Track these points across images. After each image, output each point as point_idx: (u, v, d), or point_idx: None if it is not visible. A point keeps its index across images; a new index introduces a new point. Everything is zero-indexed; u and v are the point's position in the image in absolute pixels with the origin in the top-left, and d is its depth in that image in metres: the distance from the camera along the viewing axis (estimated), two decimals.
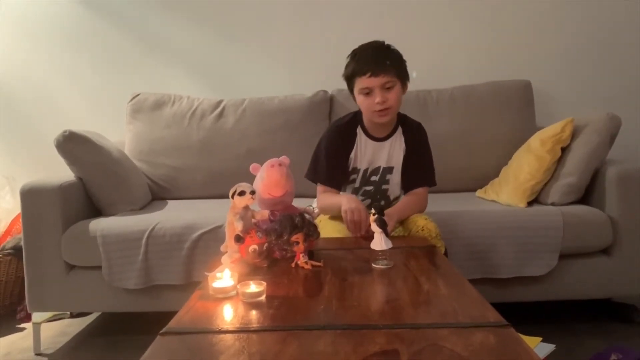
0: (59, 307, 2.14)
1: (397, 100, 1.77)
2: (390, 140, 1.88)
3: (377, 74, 1.71)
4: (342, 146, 1.86)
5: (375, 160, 1.87)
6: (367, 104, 1.76)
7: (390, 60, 1.74)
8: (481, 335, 0.90)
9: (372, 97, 1.74)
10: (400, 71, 1.77)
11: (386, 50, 1.77)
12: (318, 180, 1.89)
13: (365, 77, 1.72)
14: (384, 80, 1.72)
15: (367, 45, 1.78)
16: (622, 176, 2.04)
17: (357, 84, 1.76)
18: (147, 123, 2.62)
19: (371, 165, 1.88)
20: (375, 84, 1.72)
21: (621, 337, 2.06)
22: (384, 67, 1.72)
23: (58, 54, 2.87)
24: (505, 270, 2.03)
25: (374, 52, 1.75)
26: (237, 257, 1.31)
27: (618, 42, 2.77)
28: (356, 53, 1.78)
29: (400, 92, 1.78)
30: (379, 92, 1.72)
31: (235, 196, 1.32)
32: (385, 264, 1.30)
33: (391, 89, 1.74)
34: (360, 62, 1.74)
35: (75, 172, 2.19)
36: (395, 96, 1.75)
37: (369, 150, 1.87)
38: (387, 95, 1.73)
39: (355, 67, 1.75)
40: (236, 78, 2.86)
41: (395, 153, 1.88)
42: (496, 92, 2.64)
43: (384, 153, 1.87)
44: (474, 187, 2.53)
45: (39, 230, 2.04)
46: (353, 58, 1.78)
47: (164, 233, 2.01)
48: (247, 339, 0.92)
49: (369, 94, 1.74)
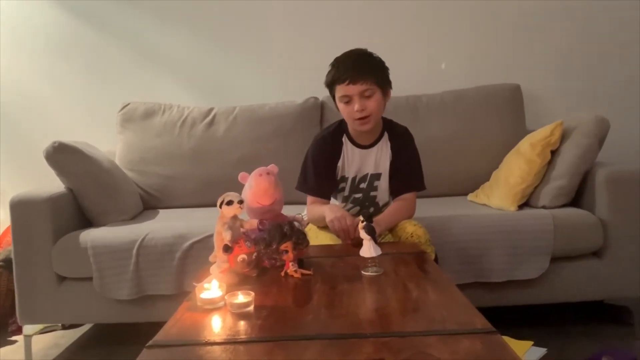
0: (50, 319, 2.13)
1: (377, 108, 1.76)
2: (376, 147, 1.87)
3: (356, 81, 1.71)
4: (329, 156, 1.86)
5: (363, 167, 1.87)
6: (347, 111, 1.77)
7: (370, 67, 1.74)
8: (468, 342, 0.90)
9: (351, 105, 1.74)
10: (380, 78, 1.76)
11: (366, 57, 1.77)
12: (307, 192, 1.89)
13: (344, 85, 1.72)
14: (363, 88, 1.71)
15: (348, 53, 1.78)
16: (612, 178, 2.05)
17: (338, 91, 1.77)
18: (137, 132, 2.62)
19: (359, 172, 1.88)
20: (354, 91, 1.72)
21: (613, 338, 2.07)
22: (363, 74, 1.71)
23: (48, 64, 2.86)
24: (497, 274, 2.03)
25: (353, 60, 1.74)
26: (226, 267, 1.30)
27: (606, 45, 2.79)
28: (337, 60, 1.78)
29: (380, 100, 1.76)
30: (358, 99, 1.72)
31: (223, 206, 1.32)
32: (375, 271, 1.30)
33: (370, 97, 1.73)
34: (339, 69, 1.74)
35: (65, 182, 2.18)
36: (375, 104, 1.74)
37: (355, 158, 1.86)
38: (366, 103, 1.73)
39: (335, 74, 1.75)
40: (226, 86, 2.86)
41: (382, 159, 1.87)
42: (486, 96, 2.65)
43: (371, 160, 1.87)
44: (465, 191, 2.53)
45: (29, 242, 2.03)
46: (334, 66, 1.78)
47: (155, 243, 2.01)
48: (234, 350, 0.92)
49: (349, 102, 1.74)
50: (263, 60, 2.86)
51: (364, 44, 2.77)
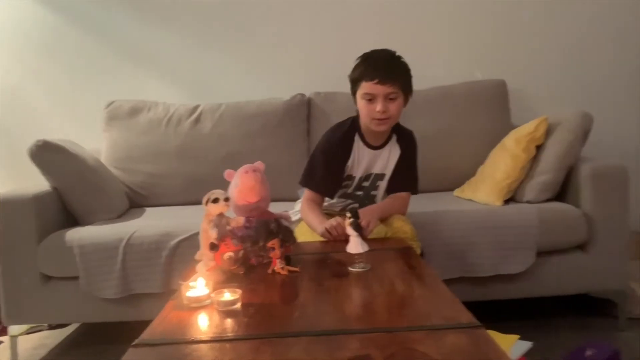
0: (36, 319, 2.12)
1: (398, 112, 1.76)
2: (386, 148, 1.88)
3: (385, 82, 1.69)
4: (341, 156, 1.84)
5: (370, 167, 1.88)
6: (367, 110, 1.74)
7: (400, 71, 1.74)
8: (453, 337, 0.91)
9: (373, 105, 1.72)
10: (406, 84, 1.76)
11: (397, 60, 1.76)
12: (312, 188, 1.86)
13: (371, 83, 1.70)
14: (390, 90, 1.70)
15: (380, 52, 1.76)
16: (596, 173, 2.07)
17: (362, 88, 1.74)
18: (123, 130, 2.60)
19: (365, 172, 1.88)
20: (380, 91, 1.70)
21: (599, 331, 2.09)
22: (392, 76, 1.70)
23: (32, 62, 2.83)
24: (483, 268, 2.04)
25: (385, 60, 1.74)
26: (212, 265, 1.30)
27: (590, 41, 2.81)
28: (368, 57, 1.76)
29: (401, 105, 1.76)
30: (382, 100, 1.70)
31: (209, 203, 1.32)
32: (362, 267, 1.30)
33: (394, 100, 1.72)
34: (369, 67, 1.72)
35: (50, 181, 2.16)
36: (397, 108, 1.74)
37: (365, 158, 1.86)
38: (389, 105, 1.72)
39: (364, 71, 1.73)
40: (213, 83, 2.85)
41: (390, 161, 1.88)
42: (472, 92, 2.66)
43: (379, 161, 1.87)
44: (451, 186, 2.54)
45: (14, 242, 2.01)
46: (363, 61, 1.76)
47: (141, 241, 2.00)
48: (220, 348, 0.92)
49: (372, 101, 1.72)
50: (249, 57, 2.85)
51: (350, 40, 2.80)
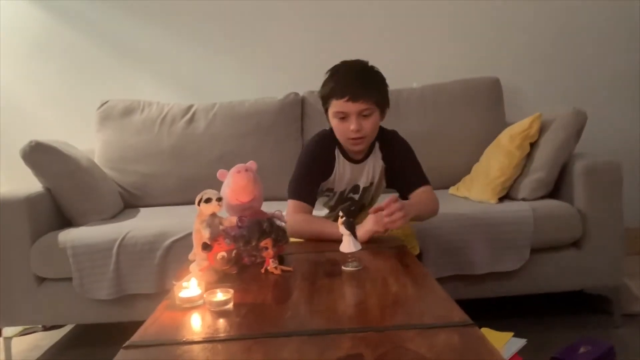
0: (30, 321, 2.11)
1: (374, 129, 1.66)
2: (369, 160, 1.78)
3: (357, 99, 1.58)
4: (324, 173, 1.75)
5: (354, 180, 1.79)
6: (341, 129, 1.65)
7: (372, 85, 1.62)
8: (445, 336, 0.90)
9: (347, 123, 1.61)
10: (381, 98, 1.65)
11: (369, 73, 1.64)
12: (303, 200, 1.70)
13: (342, 101, 1.59)
14: (363, 107, 1.59)
15: (350, 65, 1.64)
16: (589, 170, 2.08)
17: (333, 106, 1.63)
18: (116, 130, 2.59)
19: (349, 185, 1.80)
20: (352, 109, 1.59)
21: (594, 327, 2.10)
22: (365, 92, 1.59)
23: (25, 63, 2.82)
24: (478, 266, 2.04)
25: (355, 75, 1.61)
26: (205, 265, 1.29)
27: (584, 37, 2.82)
28: (337, 71, 1.64)
29: (377, 120, 1.66)
30: (355, 119, 1.60)
31: (201, 203, 1.31)
32: (355, 266, 1.30)
33: (368, 117, 1.62)
34: (339, 83, 1.60)
35: (43, 182, 2.15)
36: (372, 125, 1.64)
37: (347, 173, 1.77)
38: (364, 123, 1.61)
39: (334, 88, 1.61)
40: (206, 82, 2.84)
41: (374, 171, 1.79)
42: (465, 89, 2.66)
43: (363, 174, 1.78)
44: (446, 184, 2.54)
45: (6, 243, 2.00)
46: (332, 77, 1.64)
47: (135, 242, 1.99)
48: (212, 349, 0.92)
49: (344, 119, 1.62)
50: (242, 56, 2.84)
51: (343, 39, 2.81)
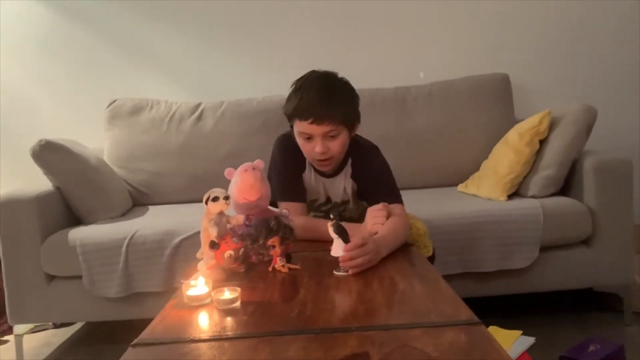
0: (40, 318, 2.13)
1: (341, 149, 1.58)
2: (341, 174, 1.69)
3: (321, 122, 1.49)
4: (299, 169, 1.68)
5: (327, 194, 1.72)
6: (307, 149, 1.57)
7: (338, 105, 1.51)
8: (452, 334, 0.90)
9: (312, 144, 1.54)
10: (348, 117, 1.55)
11: (334, 90, 1.52)
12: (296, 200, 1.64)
13: (306, 123, 1.50)
14: (327, 129, 1.50)
15: (315, 81, 1.53)
16: (599, 167, 2.06)
17: (297, 125, 1.55)
18: (125, 129, 2.60)
19: (320, 198, 1.73)
20: (317, 132, 1.51)
21: (603, 326, 2.09)
22: (329, 115, 1.49)
23: (35, 61, 2.83)
24: (487, 264, 2.04)
25: (320, 95, 1.49)
26: (213, 264, 1.30)
27: (594, 34, 2.78)
28: (300, 88, 1.53)
29: (345, 139, 1.57)
30: (321, 141, 1.52)
31: (209, 202, 1.31)
32: (346, 271, 1.25)
33: (335, 138, 1.53)
34: (302, 104, 1.50)
35: (53, 181, 2.17)
36: (339, 145, 1.55)
37: (320, 186, 1.70)
38: (330, 144, 1.53)
39: (297, 108, 1.51)
40: (214, 81, 2.85)
41: (347, 188, 1.70)
42: (474, 86, 2.65)
43: (335, 189, 1.70)
44: (454, 181, 2.53)
45: (17, 242, 2.02)
46: (295, 94, 1.53)
47: (144, 240, 2.00)
48: (219, 347, 0.92)
49: (310, 139, 1.55)
50: (250, 54, 2.84)
51: (351, 37, 2.80)
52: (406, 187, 2.22)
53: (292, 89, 1.57)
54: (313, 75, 1.55)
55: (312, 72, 1.57)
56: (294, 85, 1.57)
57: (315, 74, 1.56)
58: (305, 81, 1.54)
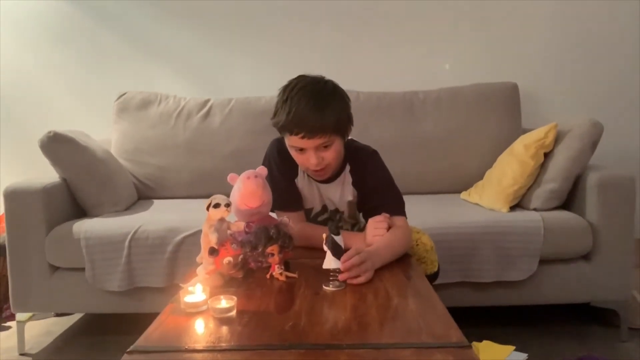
0: (42, 307, 2.16)
1: (337, 156, 1.53)
2: (338, 181, 1.65)
3: (312, 135, 1.44)
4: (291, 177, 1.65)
5: (322, 201, 1.68)
6: (300, 160, 1.54)
7: (329, 115, 1.44)
8: (441, 357, 0.92)
9: (305, 155, 1.50)
10: (340, 127, 1.49)
11: (325, 101, 1.45)
12: (294, 209, 1.64)
13: (297, 137, 1.46)
14: (319, 141, 1.46)
15: (302, 94, 1.45)
16: (602, 182, 2.06)
17: (288, 139, 1.51)
18: (133, 122, 2.62)
19: (316, 206, 1.70)
20: (309, 145, 1.47)
21: (599, 341, 2.10)
22: (321, 127, 1.44)
23: (44, 53, 2.85)
24: (485, 274, 2.05)
25: (309, 107, 1.43)
26: (212, 269, 1.32)
27: (606, 46, 2.77)
28: (287, 100, 1.46)
29: (339, 147, 1.53)
30: (314, 153, 1.48)
31: (210, 208, 1.33)
32: (337, 286, 1.26)
33: (329, 147, 1.49)
34: (292, 119, 1.44)
35: (60, 172, 2.19)
36: (334, 153, 1.51)
37: (315, 192, 1.66)
38: (324, 154, 1.49)
39: (286, 123, 1.45)
40: (223, 77, 2.86)
41: (344, 195, 1.66)
42: (483, 93, 2.64)
43: (331, 195, 1.66)
44: (458, 188, 2.54)
45: (22, 232, 2.05)
46: (283, 106, 1.46)
47: (147, 236, 2.02)
48: (212, 359, 0.94)
49: (303, 151, 1.50)
50: (261, 52, 2.85)
51: (360, 38, 2.79)
52: (409, 192, 2.23)
53: (279, 97, 1.50)
54: (300, 85, 1.47)
55: (300, 80, 1.50)
56: (281, 94, 1.49)
57: (302, 82, 1.48)
58: (292, 91, 1.46)
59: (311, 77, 1.51)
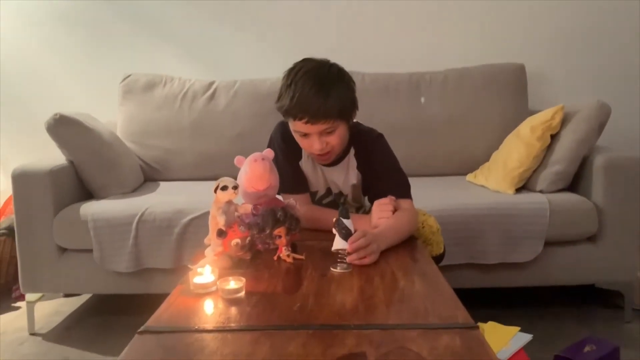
0: (51, 288, 2.18)
1: (341, 141, 1.53)
2: (342, 165, 1.64)
3: (316, 121, 1.44)
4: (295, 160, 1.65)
5: (329, 184, 1.69)
6: (304, 144, 1.54)
7: (333, 100, 1.43)
8: (447, 338, 0.92)
9: (309, 140, 1.50)
10: (345, 110, 1.48)
11: (328, 87, 1.43)
12: (301, 191, 1.64)
13: (300, 122, 1.45)
14: (323, 127, 1.45)
15: (306, 78, 1.43)
16: (609, 164, 2.06)
17: (292, 123, 1.51)
18: (138, 104, 2.62)
19: (320, 189, 1.70)
20: (313, 130, 1.46)
21: (602, 322, 2.11)
22: (324, 112, 1.43)
23: (50, 34, 2.84)
24: (491, 256, 2.06)
25: (313, 91, 1.42)
26: (220, 251, 1.33)
27: (614, 27, 2.74)
28: (291, 84, 1.45)
29: (343, 131, 1.52)
30: (318, 138, 1.47)
31: (218, 191, 1.34)
32: (344, 268, 1.27)
33: (332, 133, 1.48)
34: (296, 104, 1.43)
35: (66, 155, 2.20)
36: (338, 138, 1.50)
37: (319, 175, 1.66)
38: (328, 139, 1.49)
39: (289, 107, 1.45)
40: (228, 59, 2.85)
41: (349, 179, 1.65)
42: (490, 74, 2.63)
43: (336, 179, 1.66)
44: (464, 170, 2.54)
45: (30, 214, 2.07)
46: (287, 90, 1.45)
47: (154, 218, 2.04)
48: (222, 339, 0.95)
49: (306, 136, 1.50)
50: (265, 33, 2.84)
51: (367, 20, 2.77)
52: (415, 175, 2.23)
53: (283, 81, 1.49)
54: (304, 69, 1.46)
55: (304, 63, 1.48)
56: (285, 78, 1.48)
57: (307, 66, 1.47)
58: (296, 75, 1.45)
59: (316, 60, 1.50)
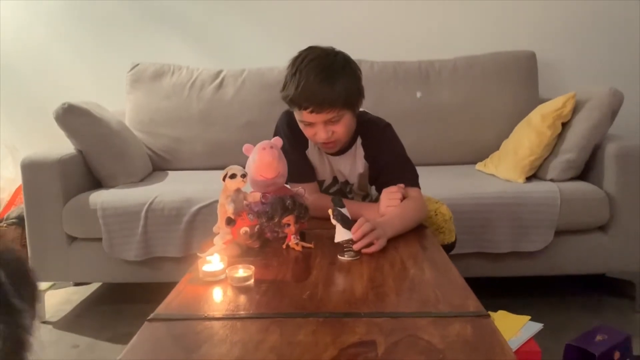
0: (61, 277, 2.20)
1: (346, 130, 1.50)
2: (349, 153, 1.62)
3: (320, 110, 1.42)
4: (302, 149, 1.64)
5: (335, 173, 1.67)
6: (309, 133, 1.52)
7: (338, 89, 1.41)
8: (459, 326, 0.92)
9: (314, 129, 1.48)
10: (350, 99, 1.46)
11: (333, 76, 1.42)
12: (308, 180, 1.63)
13: (306, 112, 1.44)
14: (329, 116, 1.44)
15: (310, 67, 1.42)
16: (621, 153, 2.03)
17: (297, 113, 1.50)
18: (147, 93, 2.61)
19: (328, 178, 1.69)
20: (318, 119, 1.45)
21: (613, 312, 2.09)
22: (330, 102, 1.41)
23: (58, 23, 2.83)
24: (501, 245, 2.04)
25: (318, 83, 1.40)
26: (229, 239, 1.33)
27: (626, 13, 2.69)
28: (296, 73, 1.43)
29: (349, 120, 1.49)
30: (323, 127, 1.46)
31: (226, 179, 1.33)
32: (352, 256, 1.27)
33: (338, 122, 1.46)
34: (300, 93, 1.41)
35: (75, 144, 2.20)
36: (344, 127, 1.48)
37: (325, 164, 1.65)
38: (333, 128, 1.47)
39: (294, 96, 1.43)
40: (236, 47, 2.83)
41: (355, 168, 1.63)
42: (500, 62, 2.60)
43: (343, 168, 1.64)
44: (474, 159, 2.52)
45: (40, 203, 2.08)
46: (292, 79, 1.44)
47: (163, 207, 2.04)
48: (231, 326, 0.95)
49: (311, 125, 1.48)
50: (273, 22, 2.82)
51: (376, 8, 2.74)
52: (425, 163, 2.23)
53: (288, 70, 1.47)
54: (309, 57, 1.44)
55: (309, 51, 1.46)
56: (290, 66, 1.47)
57: (312, 54, 1.45)
58: (301, 64, 1.43)
59: (321, 48, 1.48)
